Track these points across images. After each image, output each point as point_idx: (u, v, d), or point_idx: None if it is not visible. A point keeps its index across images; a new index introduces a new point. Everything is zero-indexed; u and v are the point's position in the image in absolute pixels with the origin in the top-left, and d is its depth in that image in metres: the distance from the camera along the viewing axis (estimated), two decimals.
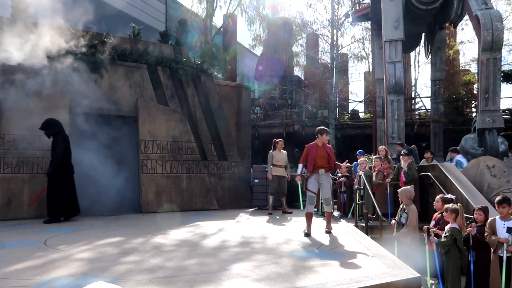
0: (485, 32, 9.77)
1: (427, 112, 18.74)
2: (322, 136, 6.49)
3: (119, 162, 9.78)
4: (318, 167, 6.41)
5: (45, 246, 5.42)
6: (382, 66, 12.50)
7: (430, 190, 8.16)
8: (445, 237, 5.37)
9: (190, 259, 4.63)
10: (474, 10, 10.21)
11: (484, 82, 9.98)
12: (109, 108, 10.03)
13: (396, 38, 11.46)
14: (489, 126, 9.62)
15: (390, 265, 4.41)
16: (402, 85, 11.55)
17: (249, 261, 4.56)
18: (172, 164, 10.48)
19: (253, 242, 5.79)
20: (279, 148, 9.81)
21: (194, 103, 11.58)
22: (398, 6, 11.58)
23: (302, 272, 4.09)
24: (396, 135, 11.11)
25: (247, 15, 20.94)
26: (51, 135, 8.13)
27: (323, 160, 6.42)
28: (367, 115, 21.89)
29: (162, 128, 10.57)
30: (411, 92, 22.41)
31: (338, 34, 19.61)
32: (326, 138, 6.54)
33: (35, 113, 8.47)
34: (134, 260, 4.58)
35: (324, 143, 6.53)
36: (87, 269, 4.19)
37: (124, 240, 5.91)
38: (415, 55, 22.86)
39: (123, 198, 9.69)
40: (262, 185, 10.84)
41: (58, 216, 7.87)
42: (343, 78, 23.07)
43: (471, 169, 8.62)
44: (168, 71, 11.27)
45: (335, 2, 19.54)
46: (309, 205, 6.51)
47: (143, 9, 21.58)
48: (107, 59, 10.10)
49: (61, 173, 7.99)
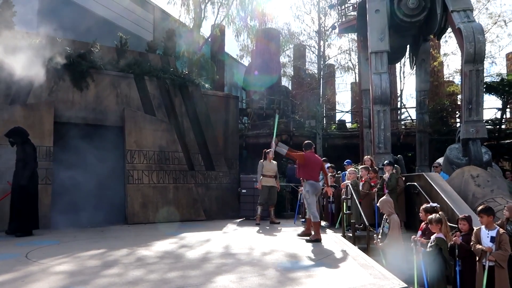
0: (468, 45, 9.98)
1: (412, 122, 18.97)
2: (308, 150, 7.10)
3: (105, 172, 9.64)
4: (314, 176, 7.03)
5: (26, 259, 5.28)
6: (369, 77, 12.65)
7: (416, 199, 8.21)
8: (430, 246, 5.39)
9: (174, 271, 4.55)
10: (457, 23, 10.44)
11: (468, 93, 10.16)
12: (95, 118, 9.92)
13: (382, 50, 11.62)
14: (472, 136, 9.75)
15: (377, 275, 4.40)
16: (388, 95, 11.68)
17: (234, 273, 4.51)
18: (159, 174, 10.38)
19: (239, 253, 5.73)
20: (270, 158, 9.80)
21: (181, 112, 11.53)
22: (383, 18, 11.79)
23: (287, 283, 4.06)
24: (383, 145, 11.19)
25: (235, 26, 21.10)
26: (16, 143, 7.78)
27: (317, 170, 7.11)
28: (354, 125, 22.07)
29: (149, 138, 10.48)
30: (397, 103, 22.69)
31: (325, 45, 19.89)
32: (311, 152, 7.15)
33: (19, 123, 8.29)
34: (116, 273, 4.49)
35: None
36: (68, 282, 4.09)
37: (107, 252, 5.80)
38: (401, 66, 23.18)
39: (108, 209, 9.54)
40: (250, 195, 10.80)
41: (31, 228, 7.57)
42: (330, 88, 23.30)
43: (456, 179, 8.71)
44: (156, 81, 11.23)
45: (322, 14, 19.83)
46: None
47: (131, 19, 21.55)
48: (94, 68, 10.02)
49: (30, 183, 7.67)
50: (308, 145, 7.37)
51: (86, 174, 9.32)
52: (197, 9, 18.74)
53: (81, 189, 9.16)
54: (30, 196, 7.66)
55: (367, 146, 14.11)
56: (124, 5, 20.69)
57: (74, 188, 9.11)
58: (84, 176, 9.29)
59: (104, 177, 9.55)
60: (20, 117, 8.72)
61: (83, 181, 9.24)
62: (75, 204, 9.02)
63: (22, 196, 7.55)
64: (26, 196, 7.59)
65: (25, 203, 7.55)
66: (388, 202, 6.66)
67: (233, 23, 20.96)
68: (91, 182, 9.27)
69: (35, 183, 7.84)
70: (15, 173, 7.70)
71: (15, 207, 7.52)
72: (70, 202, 8.87)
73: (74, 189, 9.10)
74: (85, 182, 9.25)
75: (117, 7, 20.39)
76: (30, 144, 7.85)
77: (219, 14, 20.16)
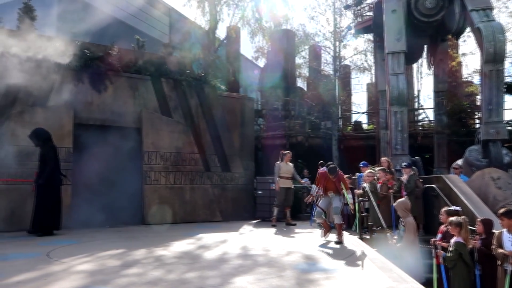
0: (487, 44, 9.81)
1: (430, 123, 18.68)
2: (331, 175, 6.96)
3: (123, 173, 9.76)
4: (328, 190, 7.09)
5: (47, 258, 5.39)
6: (385, 78, 12.53)
7: (435, 202, 8.09)
8: (450, 251, 5.30)
9: (192, 272, 4.59)
10: (476, 23, 10.27)
11: (488, 94, 9.99)
12: (113, 119, 10.06)
13: (399, 50, 11.52)
14: (493, 138, 9.59)
15: (396, 278, 4.35)
16: (405, 96, 11.56)
17: (252, 274, 4.51)
18: (175, 176, 10.47)
19: (256, 255, 5.74)
20: (287, 160, 9.79)
21: (197, 114, 11.61)
22: (400, 19, 11.67)
23: (305, 285, 4.04)
24: (400, 146, 11.07)
25: (250, 27, 21.13)
26: (38, 144, 7.97)
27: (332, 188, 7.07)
28: (370, 126, 21.85)
29: (166, 139, 10.59)
30: (414, 104, 22.39)
31: (340, 46, 19.77)
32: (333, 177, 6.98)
33: (40, 125, 8.47)
34: (136, 273, 4.54)
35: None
36: (89, 281, 4.16)
37: (126, 252, 5.88)
38: (418, 67, 22.90)
39: (126, 210, 9.65)
40: (265, 196, 10.80)
41: (50, 228, 7.69)
42: (346, 89, 23.13)
43: (476, 181, 8.56)
44: (172, 83, 11.33)
45: (337, 15, 19.72)
46: (317, 218, 7.31)
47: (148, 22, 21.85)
48: (112, 70, 10.18)
49: (50, 184, 7.79)
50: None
51: (104, 175, 9.46)
52: (213, 11, 18.84)
53: (100, 189, 9.31)
54: (51, 196, 7.76)
55: (384, 148, 13.98)
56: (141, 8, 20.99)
57: (93, 188, 9.27)
58: (102, 177, 9.44)
59: (121, 178, 9.66)
60: (41, 119, 8.90)
61: (101, 182, 9.39)
62: (93, 204, 9.16)
63: (41, 196, 7.69)
64: (45, 196, 7.70)
65: (45, 203, 7.66)
66: (404, 204, 6.58)
67: (248, 25, 21.02)
68: (109, 182, 9.41)
69: (57, 183, 7.95)
70: (37, 174, 7.89)
71: (35, 207, 7.68)
72: (88, 203, 9.01)
73: (93, 189, 9.25)
74: (103, 183, 9.39)
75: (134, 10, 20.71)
76: (51, 145, 8.02)
77: (234, 16, 20.26)
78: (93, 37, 12.41)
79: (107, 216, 9.28)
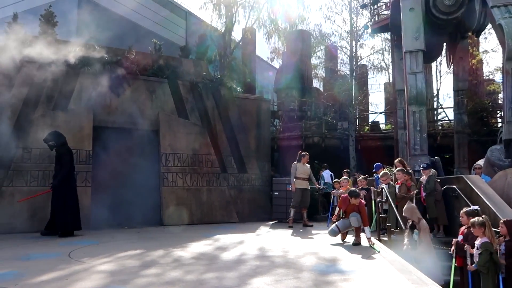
0: (510, 41, 9.56)
1: (450, 123, 18.33)
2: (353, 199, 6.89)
3: (141, 174, 9.90)
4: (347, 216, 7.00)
5: (69, 258, 5.50)
6: (403, 77, 12.35)
7: (456, 203, 7.92)
8: (480, 254, 5.10)
9: (210, 273, 4.61)
10: (497, 19, 10.02)
11: (510, 92, 9.73)
12: (131, 122, 10.21)
13: (417, 49, 11.34)
14: None
15: (415, 281, 4.28)
16: (423, 95, 11.37)
17: (269, 275, 4.51)
18: (192, 177, 10.55)
19: (273, 256, 5.73)
20: (304, 161, 9.75)
21: (214, 116, 11.68)
22: (418, 16, 11.48)
23: (323, 287, 4.02)
24: (419, 147, 10.90)
25: (266, 29, 21.16)
26: (54, 147, 8.10)
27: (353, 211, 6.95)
28: (388, 126, 21.59)
29: (183, 141, 10.68)
30: (433, 103, 22.01)
31: (357, 45, 19.60)
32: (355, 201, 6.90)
33: (61, 128, 8.68)
34: (154, 273, 4.60)
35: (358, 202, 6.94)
36: (109, 281, 4.23)
37: (145, 253, 5.95)
38: (437, 65, 22.51)
39: (144, 211, 9.78)
40: (282, 197, 10.78)
41: (69, 228, 7.81)
42: (362, 89, 22.90)
43: (499, 181, 8.34)
44: (189, 85, 11.44)
45: (354, 14, 19.56)
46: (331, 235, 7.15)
47: (164, 25, 22.11)
48: (130, 74, 10.34)
49: (66, 185, 7.94)
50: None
51: (123, 177, 9.61)
52: (229, 13, 18.93)
53: (118, 191, 9.46)
54: (67, 198, 7.90)
55: (402, 148, 13.79)
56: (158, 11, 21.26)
57: (112, 190, 9.42)
58: (121, 178, 9.60)
59: (140, 179, 9.80)
60: (62, 122, 9.12)
61: (120, 183, 9.55)
62: (112, 205, 9.31)
63: (57, 197, 7.83)
64: (61, 197, 7.83)
65: (62, 204, 7.78)
66: (410, 209, 6.43)
67: (264, 26, 21.06)
68: (128, 184, 9.56)
69: (73, 185, 8.12)
70: (53, 176, 8.08)
71: (53, 208, 7.85)
72: (108, 204, 9.16)
73: (112, 191, 9.40)
74: (122, 184, 9.55)
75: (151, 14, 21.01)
76: (67, 148, 8.19)
77: (250, 18, 20.32)
78: (111, 41, 12.63)
79: (126, 217, 9.43)
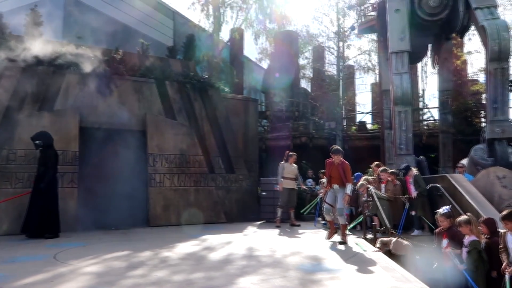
0: (492, 42, 9.77)
1: (435, 123, 18.61)
2: (334, 156, 6.99)
3: (128, 175, 9.84)
4: (333, 183, 7.05)
5: (55, 261, 5.46)
6: (389, 78, 12.52)
7: (440, 201, 8.06)
8: (469, 252, 5.19)
9: (197, 273, 4.63)
10: (480, 21, 10.24)
11: (493, 92, 9.95)
12: (118, 123, 10.14)
13: (402, 49, 11.50)
14: (498, 136, 9.55)
15: (399, 278, 4.37)
16: (409, 96, 11.53)
17: (256, 274, 4.55)
18: (180, 178, 10.53)
19: (260, 255, 5.77)
20: (292, 161, 9.80)
21: (201, 116, 11.67)
22: (403, 18, 11.65)
23: (309, 285, 4.07)
24: (404, 146, 11.05)
25: (254, 29, 21.21)
26: (40, 147, 7.97)
27: (337, 178, 6.97)
28: (375, 126, 21.80)
29: (170, 141, 10.65)
30: (419, 103, 22.30)
31: (344, 46, 19.78)
32: (337, 158, 6.98)
33: (47, 129, 8.57)
34: (141, 274, 4.60)
35: (340, 161, 6.99)
36: (95, 283, 4.22)
37: (132, 254, 5.94)
38: (422, 66, 22.81)
39: (132, 212, 9.73)
40: (270, 197, 10.82)
41: (57, 231, 7.76)
42: (350, 89, 23.11)
43: (481, 180, 8.52)
44: (176, 86, 11.41)
45: (341, 15, 19.73)
46: (326, 215, 7.29)
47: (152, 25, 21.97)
48: (116, 74, 10.28)
49: (51, 188, 7.86)
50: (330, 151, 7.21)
51: (110, 178, 9.54)
52: (217, 13, 18.95)
53: (105, 192, 9.39)
54: (51, 200, 7.83)
55: (389, 147, 13.95)
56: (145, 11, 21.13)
57: (99, 191, 9.35)
58: (107, 180, 9.52)
59: (127, 180, 9.74)
60: (48, 123, 9.01)
61: (106, 185, 9.47)
62: (99, 206, 9.25)
63: (44, 200, 7.73)
64: (47, 200, 7.76)
65: (48, 207, 7.72)
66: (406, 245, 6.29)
67: (252, 26, 21.12)
68: (115, 185, 9.49)
69: (55, 188, 8.02)
70: (36, 177, 7.93)
71: (36, 211, 7.69)
72: (94, 205, 9.10)
73: (99, 192, 9.34)
74: (109, 185, 9.47)
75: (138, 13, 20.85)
76: (53, 150, 8.08)
77: (238, 18, 20.35)
78: (98, 41, 12.53)
79: (113, 218, 9.35)
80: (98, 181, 9.48)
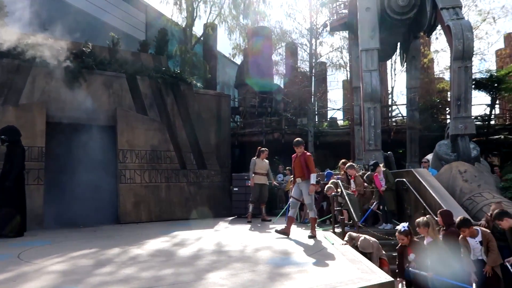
0: (456, 42, 10.12)
1: (403, 119, 19.13)
2: (296, 148, 6.97)
3: (97, 172, 9.66)
4: (296, 176, 6.97)
5: (18, 260, 5.31)
6: (359, 75, 12.77)
7: (405, 196, 8.34)
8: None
9: (166, 269, 4.62)
10: (446, 21, 10.57)
11: (456, 90, 10.31)
12: (87, 118, 9.92)
13: (372, 47, 11.75)
14: (461, 132, 9.92)
15: (365, 270, 4.49)
16: (378, 93, 11.81)
17: (226, 269, 4.58)
18: (151, 174, 10.42)
19: (230, 251, 5.81)
20: (263, 156, 9.85)
21: (173, 112, 11.57)
22: (374, 16, 11.90)
23: (277, 279, 4.14)
24: (373, 142, 11.32)
25: (227, 24, 21.11)
26: (6, 142, 7.64)
27: (299, 170, 6.91)
28: (346, 123, 22.19)
29: (141, 137, 10.51)
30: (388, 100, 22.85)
31: (316, 43, 19.97)
32: (299, 150, 6.96)
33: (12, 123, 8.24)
34: (108, 271, 4.54)
35: (301, 153, 6.94)
36: (61, 281, 4.13)
37: (100, 251, 5.85)
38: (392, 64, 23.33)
39: (101, 209, 9.57)
40: (241, 193, 10.87)
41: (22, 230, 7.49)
42: (322, 86, 23.39)
43: (444, 174, 8.85)
44: (147, 80, 11.25)
45: (314, 12, 19.89)
46: (291, 209, 7.18)
47: (123, 19, 21.49)
48: (86, 68, 10.03)
49: (17, 185, 7.58)
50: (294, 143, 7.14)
51: (78, 174, 9.34)
52: (190, 8, 18.73)
53: (73, 189, 9.19)
54: (17, 198, 7.56)
55: (358, 143, 14.26)
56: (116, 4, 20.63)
57: (66, 188, 9.14)
58: (76, 176, 9.32)
59: (96, 177, 9.56)
60: (12, 118, 8.71)
61: (75, 181, 9.27)
62: (67, 204, 9.05)
63: (9, 197, 7.44)
64: (13, 198, 7.48)
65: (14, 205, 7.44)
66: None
67: (225, 22, 21.00)
68: (83, 181, 9.30)
69: (22, 185, 7.75)
70: (1, 175, 7.60)
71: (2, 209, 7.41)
72: (62, 203, 8.89)
73: (66, 189, 9.13)
74: (77, 182, 9.28)
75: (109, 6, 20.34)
76: (20, 146, 7.78)
77: (211, 13, 20.19)
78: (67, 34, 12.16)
79: (81, 216, 9.18)
80: (65, 178, 9.27)
